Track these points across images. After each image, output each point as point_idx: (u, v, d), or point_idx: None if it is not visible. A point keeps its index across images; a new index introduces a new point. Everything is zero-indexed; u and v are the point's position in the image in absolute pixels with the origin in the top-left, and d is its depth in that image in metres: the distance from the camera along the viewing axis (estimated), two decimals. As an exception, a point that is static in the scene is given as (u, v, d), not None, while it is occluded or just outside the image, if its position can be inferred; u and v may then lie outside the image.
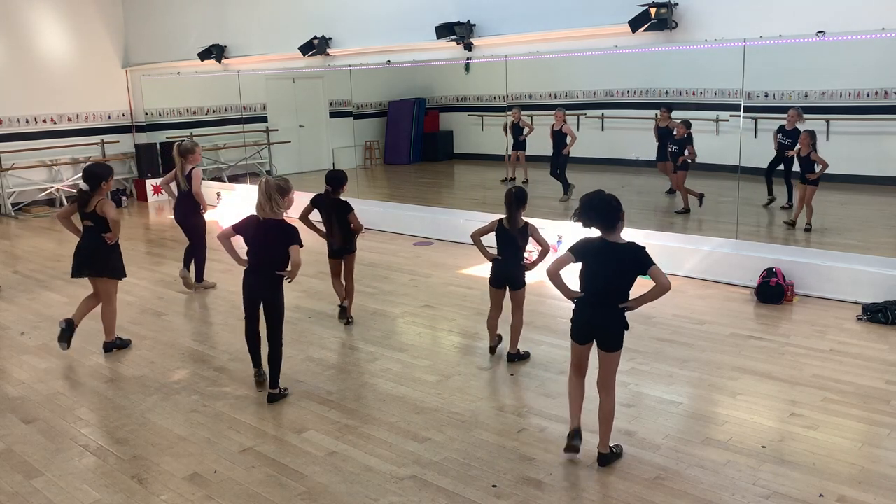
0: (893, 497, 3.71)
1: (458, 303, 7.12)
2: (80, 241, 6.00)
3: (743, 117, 8.19)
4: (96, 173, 5.90)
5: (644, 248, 3.98)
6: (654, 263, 3.91)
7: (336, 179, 6.50)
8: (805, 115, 8.94)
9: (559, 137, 10.85)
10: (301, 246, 4.90)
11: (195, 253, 7.77)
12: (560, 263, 4.07)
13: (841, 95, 9.72)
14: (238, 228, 5.03)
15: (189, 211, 7.60)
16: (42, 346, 6.33)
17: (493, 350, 5.75)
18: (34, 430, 4.75)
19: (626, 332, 4.04)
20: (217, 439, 4.55)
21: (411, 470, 4.11)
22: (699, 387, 5.11)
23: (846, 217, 9.18)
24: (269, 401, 5.05)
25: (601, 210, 3.93)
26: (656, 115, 10.70)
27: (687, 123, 9.77)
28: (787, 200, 9.23)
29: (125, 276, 6.11)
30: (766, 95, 10.12)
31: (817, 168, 8.25)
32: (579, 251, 4.06)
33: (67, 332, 5.95)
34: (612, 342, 4.03)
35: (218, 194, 12.93)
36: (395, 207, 10.86)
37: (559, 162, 10.94)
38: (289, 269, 4.88)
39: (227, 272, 8.58)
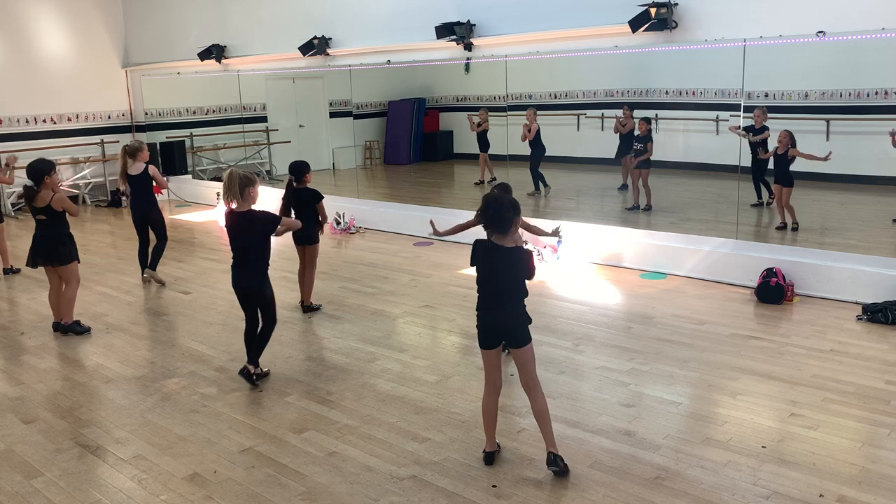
0: (893, 497, 3.71)
1: (458, 303, 7.12)
2: (36, 233, 6.46)
3: (743, 117, 8.20)
4: (38, 168, 6.34)
5: (531, 252, 4.11)
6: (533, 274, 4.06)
7: (297, 169, 6.86)
8: (805, 116, 8.93)
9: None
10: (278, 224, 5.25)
11: (163, 244, 8.15)
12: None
13: (841, 95, 9.72)
14: (226, 226, 5.30)
15: (150, 207, 8.06)
16: (42, 346, 6.33)
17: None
18: (34, 430, 4.75)
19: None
20: (217, 439, 4.55)
21: (411, 470, 4.11)
22: (699, 387, 5.11)
23: (846, 217, 9.18)
24: (240, 372, 5.32)
25: (498, 214, 3.94)
26: (618, 115, 10.77)
27: (647, 120, 9.86)
28: (769, 196, 9.22)
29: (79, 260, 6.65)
30: (766, 95, 10.12)
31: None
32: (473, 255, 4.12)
33: (62, 329, 6.56)
34: (519, 338, 4.04)
35: (218, 194, 12.92)
36: (395, 207, 10.86)
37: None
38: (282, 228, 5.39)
39: (227, 272, 8.56)
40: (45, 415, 4.98)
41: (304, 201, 6.78)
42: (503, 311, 4.06)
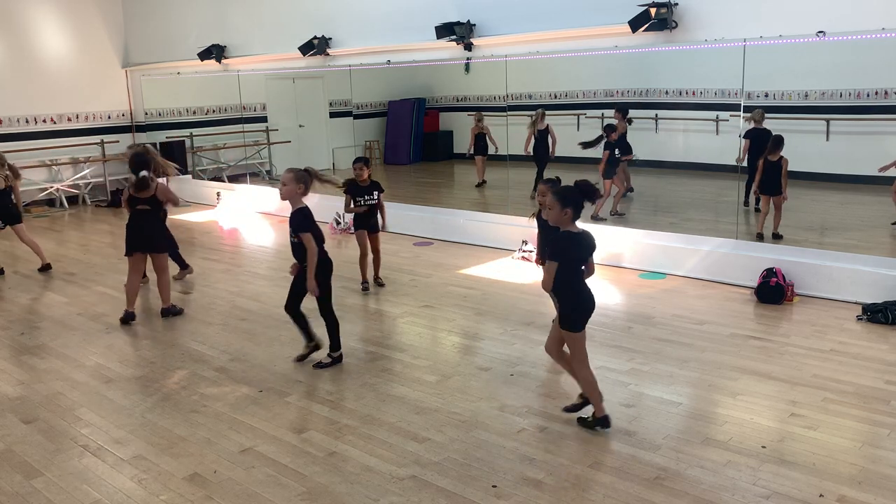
0: (893, 497, 3.71)
1: (458, 303, 7.12)
2: (133, 222, 6.82)
3: (743, 117, 8.20)
4: (145, 160, 6.77)
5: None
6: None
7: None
8: (805, 116, 8.93)
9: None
10: None
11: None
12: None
13: (841, 95, 9.71)
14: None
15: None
16: (42, 346, 6.33)
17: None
18: (34, 430, 4.75)
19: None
20: (217, 439, 4.55)
21: (411, 470, 4.11)
22: (699, 387, 5.10)
23: (846, 217, 9.18)
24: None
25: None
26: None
27: (612, 127, 9.93)
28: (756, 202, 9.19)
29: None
30: (766, 95, 10.12)
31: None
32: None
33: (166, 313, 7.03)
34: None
35: (218, 194, 12.94)
36: (395, 207, 10.82)
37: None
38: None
39: (227, 272, 8.59)
40: (45, 415, 4.98)
41: None
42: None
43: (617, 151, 9.49)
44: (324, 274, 5.42)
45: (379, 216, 7.57)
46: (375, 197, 7.47)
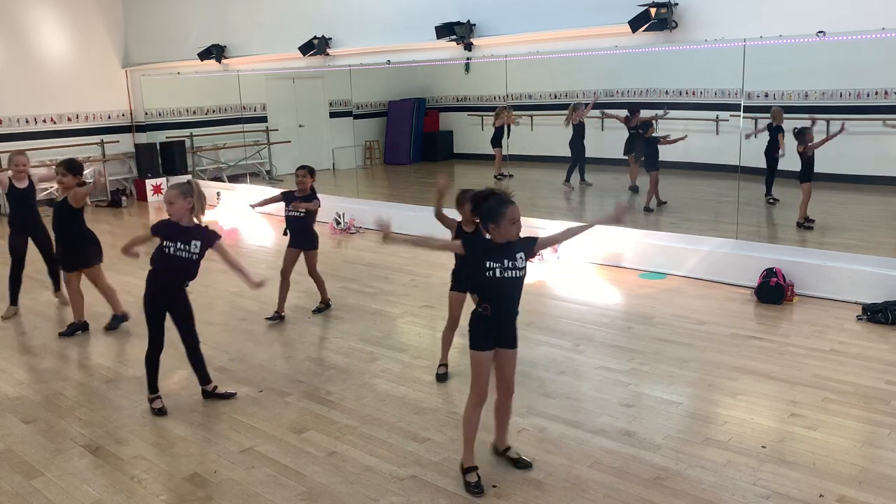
0: (893, 497, 3.71)
1: (458, 303, 7.11)
2: None
3: (743, 117, 8.19)
4: None
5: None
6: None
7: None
8: (805, 116, 8.93)
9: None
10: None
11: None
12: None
13: (841, 95, 9.71)
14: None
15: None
16: (42, 346, 6.33)
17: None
18: (34, 430, 4.75)
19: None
20: (217, 439, 4.55)
21: (411, 470, 4.11)
22: (699, 387, 5.10)
23: (846, 217, 9.18)
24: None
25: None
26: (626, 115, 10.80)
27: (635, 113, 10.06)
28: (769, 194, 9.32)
29: None
30: (766, 95, 10.12)
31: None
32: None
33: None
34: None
35: (218, 194, 12.94)
36: (395, 207, 10.85)
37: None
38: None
39: (226, 272, 8.55)
40: (45, 415, 4.98)
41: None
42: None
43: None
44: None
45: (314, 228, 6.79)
46: (302, 212, 6.58)
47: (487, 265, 3.73)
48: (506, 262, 3.74)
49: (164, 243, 4.77)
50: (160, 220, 4.87)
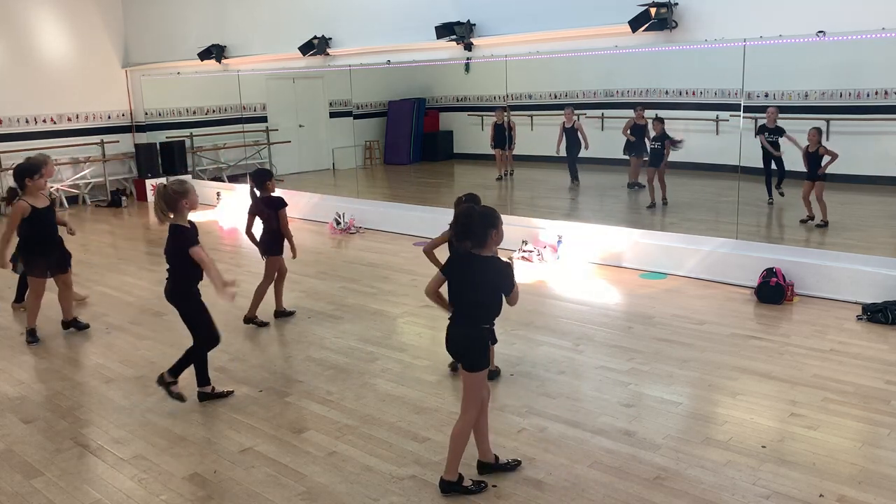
0: (893, 497, 3.71)
1: (458, 303, 7.11)
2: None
3: (743, 117, 8.20)
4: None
5: (510, 265, 3.86)
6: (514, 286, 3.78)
7: (258, 175, 6.64)
8: (805, 116, 8.94)
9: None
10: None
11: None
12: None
13: (841, 95, 9.72)
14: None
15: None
16: (42, 346, 6.33)
17: None
18: (34, 430, 4.75)
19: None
20: (217, 439, 4.55)
21: (411, 470, 4.11)
22: (699, 387, 5.10)
23: (846, 217, 9.18)
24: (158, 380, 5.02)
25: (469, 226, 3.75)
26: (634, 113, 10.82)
27: (661, 119, 9.99)
28: (770, 197, 9.43)
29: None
30: (766, 95, 10.12)
31: (824, 161, 8.34)
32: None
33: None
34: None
35: (218, 194, 12.93)
36: (395, 207, 10.86)
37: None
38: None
39: (226, 272, 8.54)
40: (45, 415, 4.98)
41: (268, 209, 6.56)
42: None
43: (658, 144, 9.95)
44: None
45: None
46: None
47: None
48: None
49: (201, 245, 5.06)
50: (193, 227, 5.12)
